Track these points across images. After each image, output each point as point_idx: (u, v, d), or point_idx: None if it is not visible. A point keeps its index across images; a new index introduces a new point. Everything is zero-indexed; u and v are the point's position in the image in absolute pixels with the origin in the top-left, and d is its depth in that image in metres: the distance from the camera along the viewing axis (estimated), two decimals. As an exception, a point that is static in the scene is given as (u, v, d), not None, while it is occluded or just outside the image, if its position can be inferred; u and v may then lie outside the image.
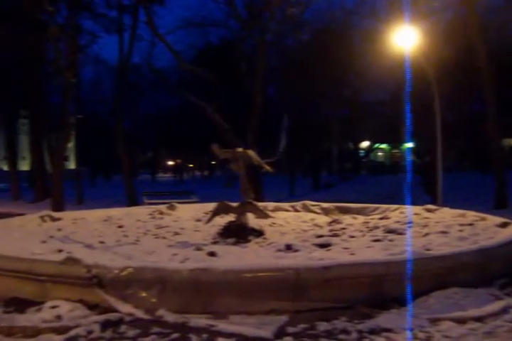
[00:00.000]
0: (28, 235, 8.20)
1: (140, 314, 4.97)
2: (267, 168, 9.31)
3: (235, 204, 8.77)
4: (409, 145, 19.60)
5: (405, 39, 13.94)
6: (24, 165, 38.99)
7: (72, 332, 4.55)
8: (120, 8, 23.07)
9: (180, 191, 21.87)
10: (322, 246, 7.30)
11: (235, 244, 7.92)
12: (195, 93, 20.18)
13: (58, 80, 19.63)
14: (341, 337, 4.48)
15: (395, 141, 43.32)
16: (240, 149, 9.01)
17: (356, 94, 33.57)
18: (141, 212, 12.39)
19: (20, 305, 5.32)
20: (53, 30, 15.99)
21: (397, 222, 9.23)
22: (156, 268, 5.24)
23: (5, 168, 38.17)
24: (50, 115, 27.75)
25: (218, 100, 18.46)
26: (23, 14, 17.72)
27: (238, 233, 8.25)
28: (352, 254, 6.51)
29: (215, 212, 8.97)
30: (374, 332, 4.52)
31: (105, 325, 4.71)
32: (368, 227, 9.05)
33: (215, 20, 26.32)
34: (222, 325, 4.72)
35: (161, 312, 4.96)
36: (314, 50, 26.38)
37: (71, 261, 5.22)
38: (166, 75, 30.15)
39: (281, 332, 4.55)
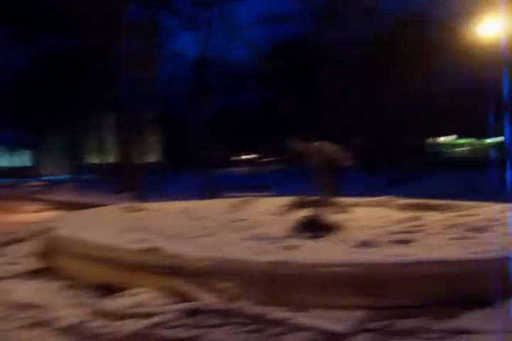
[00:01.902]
0: (113, 224, 8.58)
1: (219, 304, 5.09)
2: (346, 161, 9.19)
3: (311, 198, 8.76)
4: (497, 139, 18.67)
5: (491, 27, 13.30)
6: (109, 158, 40.77)
7: (156, 319, 4.76)
8: (198, 4, 23.49)
9: (256, 184, 22.04)
10: (400, 242, 7.14)
11: (310, 238, 7.90)
12: (271, 87, 20.28)
13: (138, 77, 20.35)
14: (424, 335, 4.37)
15: (479, 135, 41.44)
16: (317, 143, 8.97)
17: (437, 86, 32.39)
18: (218, 204, 12.64)
19: (107, 290, 5.63)
20: (134, 27, 16.56)
21: (481, 219, 8.85)
22: (234, 260, 5.35)
23: (92, 160, 40.07)
24: (133, 110, 28.80)
25: (293, 94, 18.45)
26: (103, 12, 18.41)
27: (314, 227, 8.22)
28: (431, 252, 6.34)
29: (292, 206, 9.01)
30: (457, 332, 4.37)
31: (186, 314, 4.88)
32: (448, 225, 8.73)
33: (290, 14, 26.23)
34: (299, 318, 4.75)
35: (239, 303, 5.05)
36: (391, 41, 25.71)
37: (154, 250, 5.43)
38: (241, 70, 30.46)
39: (360, 328, 4.52)
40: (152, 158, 36.43)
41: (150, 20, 19.73)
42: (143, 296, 5.20)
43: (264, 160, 59.98)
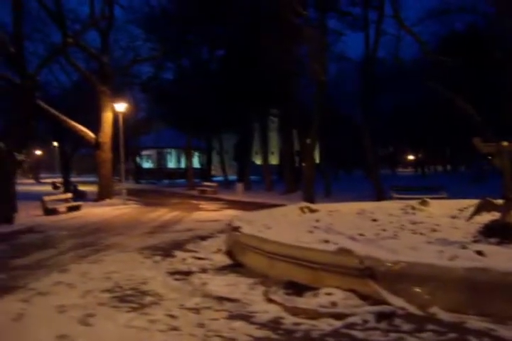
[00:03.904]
0: (293, 224, 8.82)
1: (413, 309, 4.93)
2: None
3: (498, 201, 8.12)
4: None
5: None
6: (273, 159, 42.12)
7: (349, 320, 4.75)
8: (365, 4, 23.22)
9: (428, 186, 21.13)
10: None
11: (498, 244, 7.33)
12: (442, 84, 19.27)
13: (311, 79, 20.67)
14: None
15: None
16: (506, 143, 8.27)
17: None
18: (391, 206, 12.38)
19: (297, 288, 5.76)
20: (307, 32, 16.88)
21: None
22: (428, 264, 5.13)
23: (257, 162, 41.67)
24: (298, 113, 29.38)
25: (467, 90, 17.31)
26: (280, 21, 19.03)
27: (503, 233, 7.61)
28: None
29: (478, 210, 8.44)
30: None
31: (379, 317, 4.79)
32: None
33: (461, 5, 24.64)
34: (502, 331, 4.41)
35: (434, 309, 4.85)
36: None
37: (344, 251, 5.43)
38: (410, 67, 29.43)
39: None
40: (318, 159, 36.78)
41: (320, 24, 19.96)
42: (334, 296, 5.22)
43: (432, 160, 57.37)
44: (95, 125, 23.31)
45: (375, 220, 10.05)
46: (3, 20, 21.88)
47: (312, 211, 10.89)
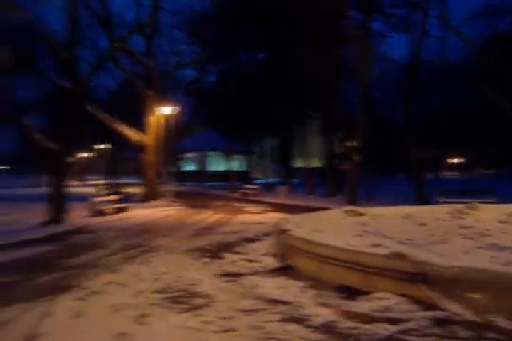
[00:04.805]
0: (340, 228, 8.78)
1: (469, 315, 4.85)
2: None
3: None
4: None
5: None
6: (314, 162, 41.92)
7: (404, 325, 4.72)
8: (410, 5, 22.93)
9: (477, 190, 20.62)
10: None
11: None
12: (488, 86, 18.84)
13: (354, 81, 20.56)
14: None
15: None
16: None
17: None
18: (438, 210, 12.17)
19: (348, 292, 5.75)
20: (352, 34, 16.80)
21: None
22: (483, 270, 5.04)
23: (298, 164, 41.59)
24: (339, 115, 29.24)
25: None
26: (325, 23, 19.01)
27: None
28: None
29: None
30: None
31: (434, 322, 4.74)
32: None
33: (507, 7, 23.98)
34: None
35: (492, 316, 4.76)
36: None
37: (397, 255, 5.39)
38: (455, 69, 28.84)
39: None
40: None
41: (364, 26, 19.82)
42: (388, 301, 5.19)
43: (479, 163, 56.02)
44: (140, 128, 23.79)
45: (422, 224, 9.90)
46: (52, 28, 22.52)
47: (358, 215, 10.82)
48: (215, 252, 9.36)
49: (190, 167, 59.15)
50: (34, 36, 17.54)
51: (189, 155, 56.78)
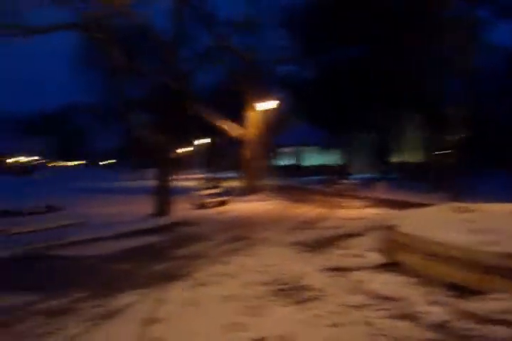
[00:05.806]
0: (448, 224, 8.48)
1: None
2: None
3: None
4: None
5: None
6: (411, 157, 40.68)
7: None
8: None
9: None
10: None
11: None
12: None
13: (456, 74, 19.70)
14: None
15: None
16: None
17: None
18: None
19: (460, 291, 5.59)
20: (455, 24, 16.11)
21: None
22: None
23: (395, 159, 40.54)
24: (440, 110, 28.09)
25: None
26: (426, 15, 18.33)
27: None
28: None
29: None
30: None
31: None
32: None
33: None
34: None
35: None
36: None
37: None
38: None
39: None
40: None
41: (469, 14, 18.87)
42: (506, 302, 4.98)
43: None
44: (240, 123, 24.27)
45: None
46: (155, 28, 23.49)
47: (466, 211, 10.37)
48: (318, 246, 9.41)
49: (286, 161, 59.48)
50: (141, 36, 18.46)
51: (285, 149, 57.10)
